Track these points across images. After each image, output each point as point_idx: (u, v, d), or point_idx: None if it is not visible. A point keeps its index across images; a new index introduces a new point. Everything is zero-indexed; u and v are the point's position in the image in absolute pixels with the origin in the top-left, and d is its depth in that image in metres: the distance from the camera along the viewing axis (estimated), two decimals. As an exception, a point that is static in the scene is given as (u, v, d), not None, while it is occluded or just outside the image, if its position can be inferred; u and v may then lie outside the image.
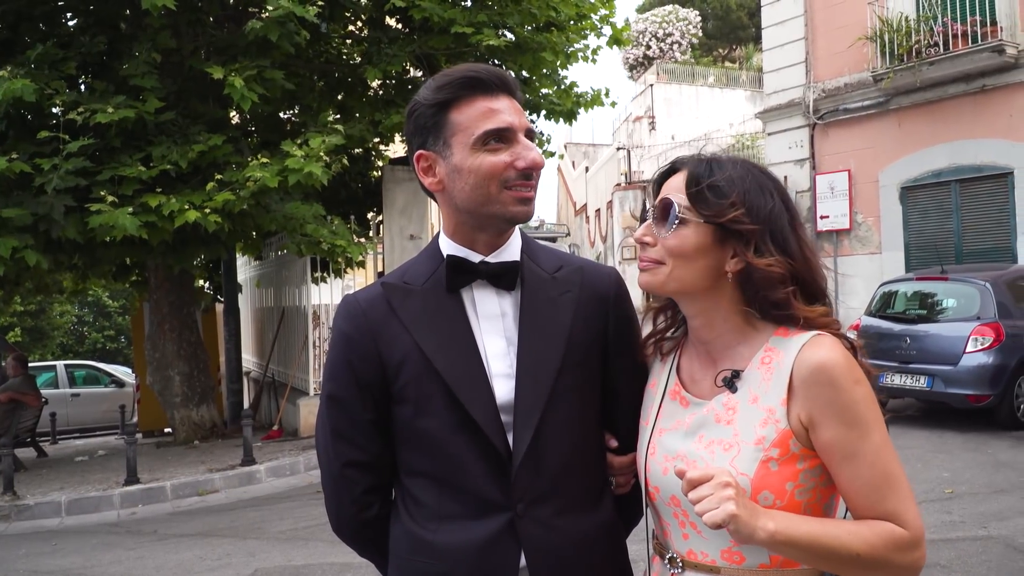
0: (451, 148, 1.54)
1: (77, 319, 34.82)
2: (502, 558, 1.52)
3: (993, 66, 12.81)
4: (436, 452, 1.55)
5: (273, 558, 6.21)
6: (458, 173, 1.54)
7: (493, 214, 1.55)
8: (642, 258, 1.53)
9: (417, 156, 1.59)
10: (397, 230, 12.84)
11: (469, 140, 1.52)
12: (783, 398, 1.42)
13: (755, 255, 1.46)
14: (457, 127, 1.53)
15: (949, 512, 6.18)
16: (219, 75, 9.04)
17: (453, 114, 1.54)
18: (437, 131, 1.55)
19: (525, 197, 1.54)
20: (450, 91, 1.54)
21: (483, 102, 1.53)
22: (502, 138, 1.52)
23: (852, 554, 1.33)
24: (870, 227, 14.89)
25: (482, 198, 1.53)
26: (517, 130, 1.53)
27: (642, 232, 1.52)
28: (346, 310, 1.63)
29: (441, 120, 1.55)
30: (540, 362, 1.56)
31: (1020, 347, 9.12)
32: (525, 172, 1.52)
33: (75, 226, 8.95)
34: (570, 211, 36.55)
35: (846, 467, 1.38)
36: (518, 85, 1.60)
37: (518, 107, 1.57)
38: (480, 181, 1.52)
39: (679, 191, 1.50)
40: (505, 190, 1.52)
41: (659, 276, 1.50)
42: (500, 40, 10.23)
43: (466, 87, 1.53)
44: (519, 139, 1.53)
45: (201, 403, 11.94)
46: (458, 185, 1.54)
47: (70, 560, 6.72)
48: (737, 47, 39.84)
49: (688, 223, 1.47)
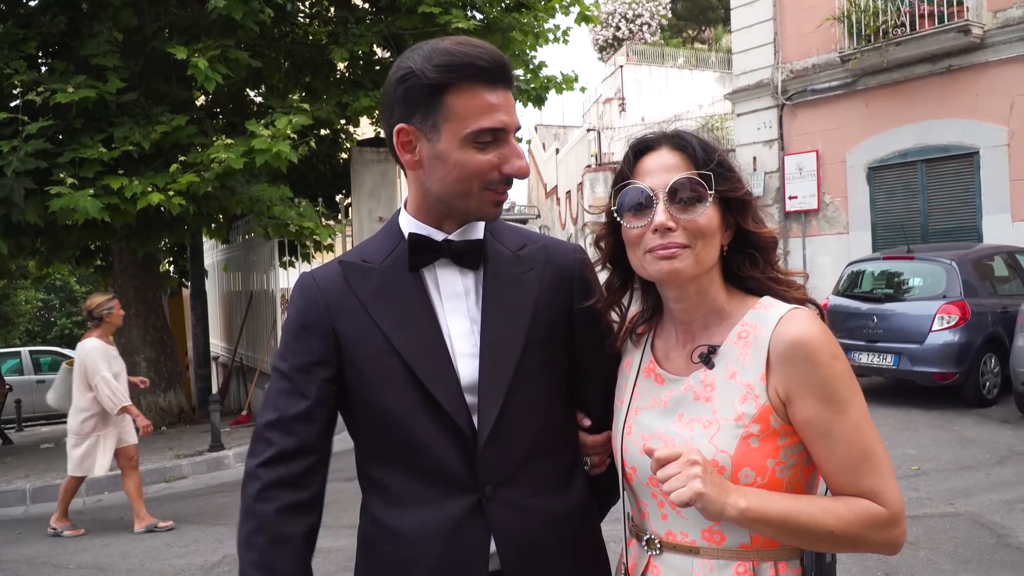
0: (440, 133, 1.47)
1: (43, 304, 34.29)
2: (471, 542, 1.49)
3: (959, 47, 12.89)
4: (398, 433, 1.51)
5: (242, 544, 6.14)
6: (442, 161, 1.48)
7: (466, 209, 1.51)
8: (665, 246, 1.41)
9: (399, 129, 1.50)
10: (366, 212, 12.73)
11: (461, 132, 1.45)
12: (762, 373, 1.39)
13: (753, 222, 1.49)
14: (452, 114, 1.45)
15: (916, 489, 6.25)
16: (182, 55, 8.87)
17: (450, 98, 1.45)
18: (428, 111, 1.47)
19: (501, 200, 1.52)
20: (451, 73, 1.44)
21: (483, 94, 1.46)
22: (495, 138, 1.47)
23: (826, 531, 1.32)
24: (838, 207, 14.98)
25: (460, 193, 1.49)
26: (510, 131, 1.49)
27: (663, 219, 1.41)
28: (302, 286, 1.59)
29: (436, 102, 1.46)
30: (504, 341, 1.53)
31: (985, 325, 9.24)
32: (509, 178, 1.49)
33: (36, 209, 8.78)
34: (540, 193, 36.51)
35: (823, 444, 1.36)
36: (512, 71, 1.54)
37: (512, 101, 1.52)
38: (463, 177, 1.47)
39: (680, 169, 1.44)
40: (485, 190, 1.49)
41: (689, 261, 1.42)
42: (469, 22, 10.13)
43: (467, 71, 1.45)
44: (510, 141, 1.49)
45: (168, 389, 11.82)
46: (439, 173, 1.49)
47: (35, 548, 6.63)
48: (706, 28, 39.87)
49: (707, 201, 1.42)
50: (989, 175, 12.92)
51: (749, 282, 1.50)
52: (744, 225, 1.48)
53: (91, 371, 6.67)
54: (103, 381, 6.62)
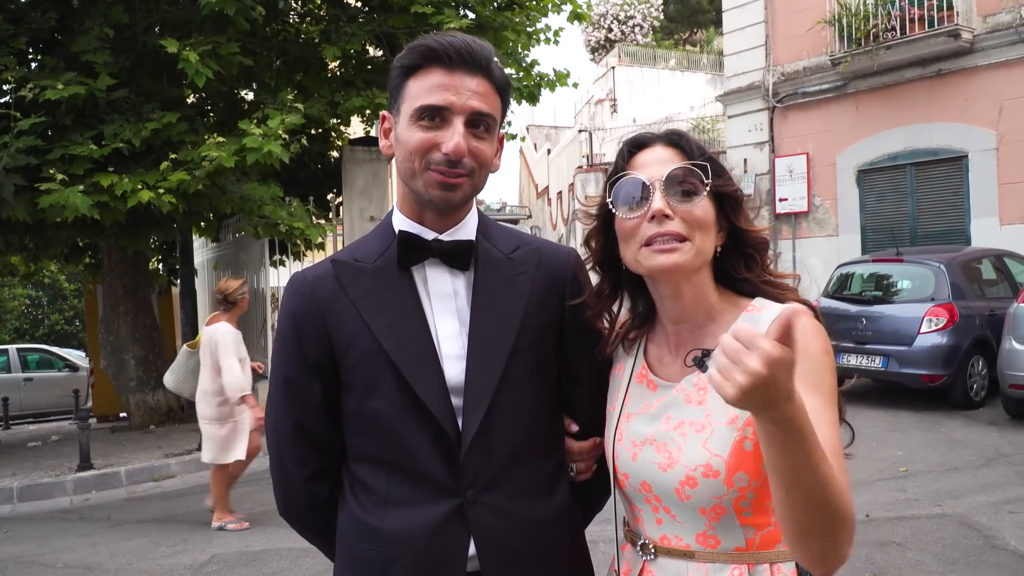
0: (400, 115, 1.52)
1: (31, 301, 34.10)
2: (450, 544, 1.49)
3: (949, 51, 12.96)
4: (384, 435, 1.51)
5: (230, 543, 6.14)
6: (398, 142, 1.52)
7: (417, 191, 1.51)
8: (661, 235, 1.40)
9: (382, 116, 1.58)
10: (357, 211, 12.69)
11: (410, 111, 1.48)
12: None
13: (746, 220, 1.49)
14: (407, 95, 1.50)
15: (903, 490, 6.28)
16: (173, 49, 8.82)
17: (410, 82, 1.50)
18: (396, 95, 1.53)
19: (447, 183, 1.48)
20: (412, 57, 1.50)
21: (438, 76, 1.47)
22: (438, 116, 1.46)
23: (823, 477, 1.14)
24: (827, 210, 15.04)
25: (409, 172, 1.50)
26: (455, 111, 1.47)
27: (660, 205, 1.40)
28: (293, 288, 1.59)
29: (400, 85, 1.52)
30: (492, 344, 1.53)
31: (973, 328, 9.29)
32: (447, 158, 1.46)
33: (25, 206, 8.71)
34: (532, 193, 36.53)
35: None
36: (491, 60, 1.52)
37: (480, 87, 1.49)
38: (407, 155, 1.49)
39: (672, 162, 1.44)
40: (428, 171, 1.48)
41: (689, 254, 1.41)
42: (461, 21, 10.13)
43: (426, 56, 1.49)
44: (453, 122, 1.47)
45: (157, 387, 11.75)
46: (398, 153, 1.53)
47: (22, 547, 6.59)
48: (698, 30, 39.94)
49: (703, 192, 1.43)
50: (978, 179, 13.00)
51: (742, 284, 1.50)
52: (737, 223, 1.48)
53: (223, 354, 6.55)
54: (229, 368, 6.51)
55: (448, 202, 1.51)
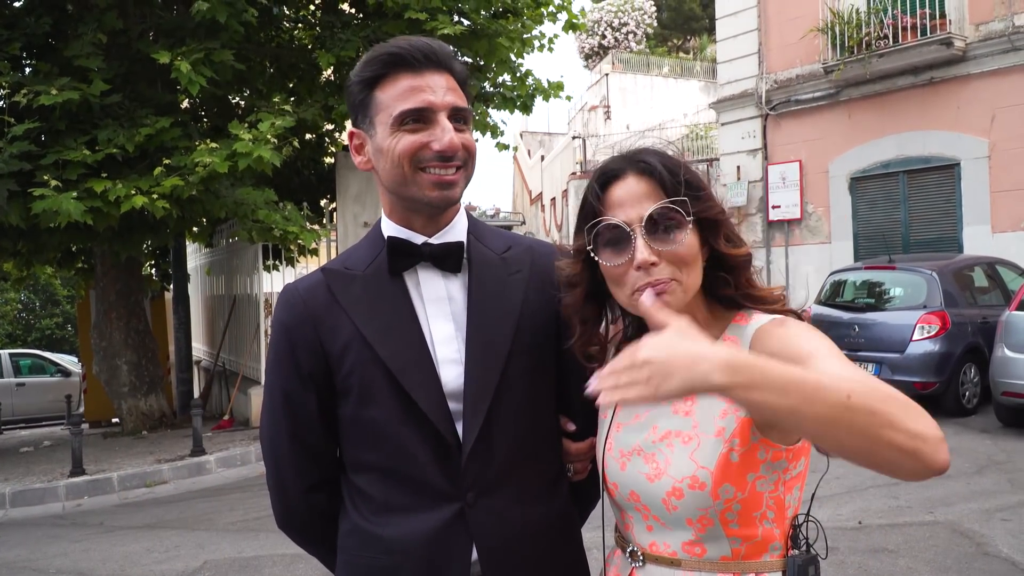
0: (375, 127, 1.50)
1: (23, 306, 34.00)
2: (452, 549, 1.48)
3: (941, 59, 13.03)
4: (382, 443, 1.51)
5: (223, 550, 6.12)
6: (380, 153, 1.50)
7: (412, 196, 1.50)
8: (655, 284, 1.37)
9: (350, 134, 1.56)
10: (351, 217, 12.70)
11: (389, 120, 1.47)
12: None
13: (726, 242, 1.44)
14: (379, 106, 1.49)
15: (896, 497, 6.29)
16: (165, 60, 8.84)
17: (378, 92, 1.49)
18: (364, 109, 1.52)
19: (443, 181, 1.48)
20: (374, 68, 1.49)
21: (406, 80, 1.47)
22: (421, 118, 1.46)
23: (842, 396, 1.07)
24: (820, 217, 15.09)
25: (399, 179, 1.49)
26: (438, 109, 1.47)
27: (646, 255, 1.36)
28: (285, 300, 1.59)
29: (367, 99, 1.51)
30: (489, 346, 1.52)
31: (965, 335, 9.32)
32: (441, 154, 1.46)
33: (18, 211, 8.71)
34: (525, 200, 36.55)
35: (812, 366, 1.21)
36: (452, 57, 1.53)
37: (449, 83, 1.50)
38: (396, 161, 1.47)
39: (651, 197, 1.40)
40: (420, 172, 1.47)
41: (679, 295, 1.39)
42: (455, 27, 10.15)
43: (389, 64, 1.48)
44: (439, 120, 1.47)
45: (149, 393, 11.74)
46: (381, 165, 1.51)
47: (15, 553, 6.57)
48: (691, 38, 40.07)
49: (686, 228, 1.38)
50: (970, 187, 13.05)
51: (725, 300, 1.49)
52: (717, 247, 1.44)
53: None
54: None
55: (447, 200, 1.51)
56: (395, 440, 1.50)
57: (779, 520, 1.42)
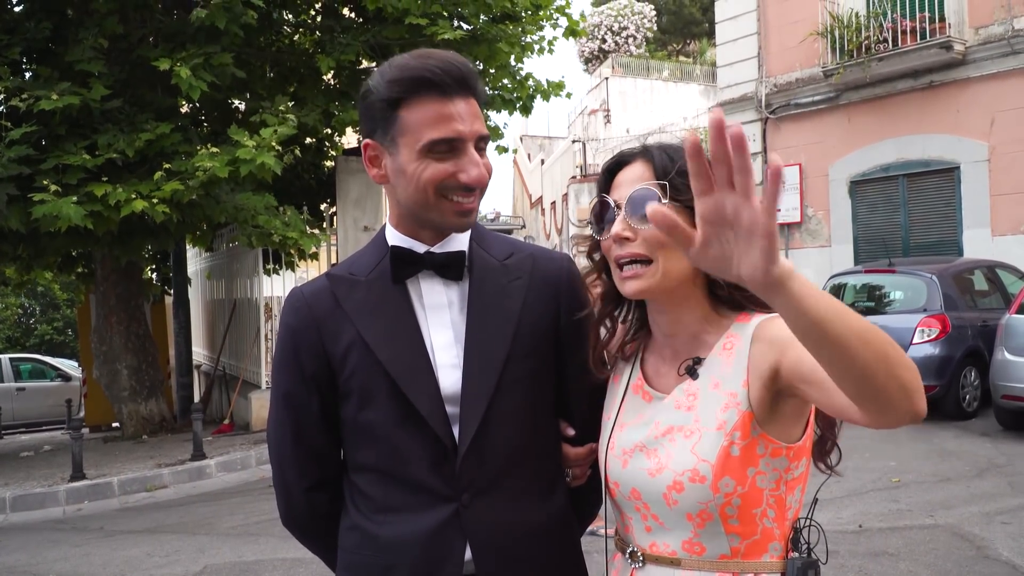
0: (398, 147, 1.49)
1: (23, 311, 34.01)
2: (446, 549, 1.50)
3: (941, 62, 13.03)
4: (381, 445, 1.54)
5: (223, 554, 6.12)
6: (403, 175, 1.49)
7: (431, 220, 1.52)
8: (623, 256, 1.44)
9: (365, 145, 1.55)
10: (351, 222, 12.70)
11: (416, 145, 1.46)
12: (744, 379, 1.39)
13: None
14: (406, 128, 1.47)
15: (896, 501, 6.29)
16: (166, 66, 8.85)
17: (403, 113, 1.47)
18: (386, 126, 1.49)
19: (465, 209, 1.50)
20: (402, 88, 1.46)
21: (436, 106, 1.45)
22: (450, 148, 1.46)
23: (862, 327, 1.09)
24: (820, 220, 15.09)
25: (421, 203, 1.49)
26: (467, 139, 1.47)
27: (620, 227, 1.43)
28: (291, 304, 1.62)
29: (391, 116, 1.48)
30: (487, 351, 1.54)
31: (965, 339, 9.32)
32: (467, 186, 1.47)
33: (18, 216, 8.72)
34: (525, 203, 36.56)
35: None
36: (478, 79, 1.52)
37: (474, 109, 1.49)
38: (421, 187, 1.47)
39: (642, 180, 1.46)
40: (444, 200, 1.48)
41: (654, 278, 1.42)
42: (455, 33, 10.16)
43: (420, 86, 1.45)
44: (467, 150, 1.47)
45: (150, 397, 11.74)
46: (402, 186, 1.51)
47: (15, 557, 6.57)
48: (691, 41, 40.10)
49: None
50: (970, 190, 13.06)
51: (728, 301, 1.50)
52: None
53: None
54: None
55: (467, 226, 1.54)
56: (393, 442, 1.52)
57: (779, 520, 1.43)
